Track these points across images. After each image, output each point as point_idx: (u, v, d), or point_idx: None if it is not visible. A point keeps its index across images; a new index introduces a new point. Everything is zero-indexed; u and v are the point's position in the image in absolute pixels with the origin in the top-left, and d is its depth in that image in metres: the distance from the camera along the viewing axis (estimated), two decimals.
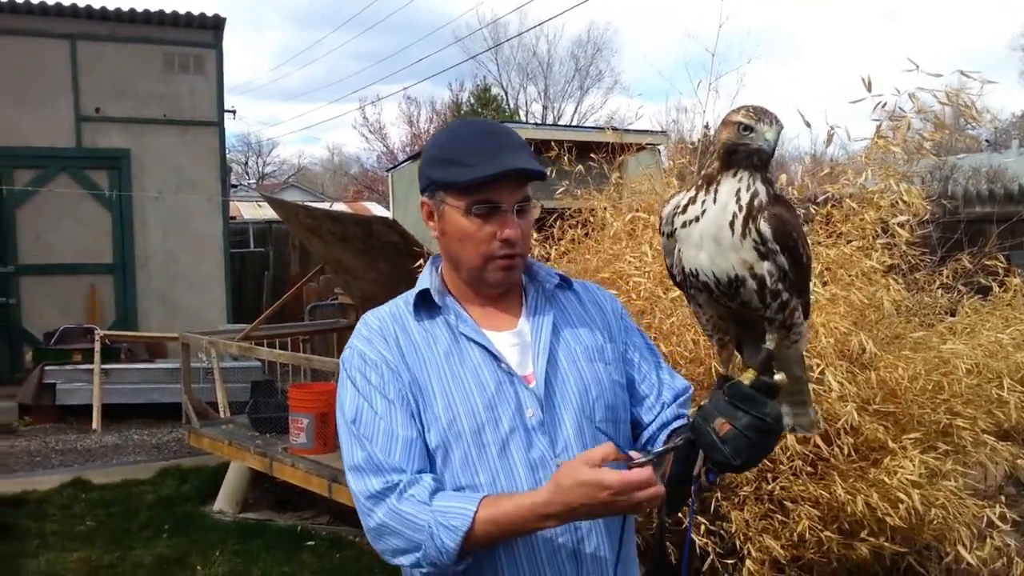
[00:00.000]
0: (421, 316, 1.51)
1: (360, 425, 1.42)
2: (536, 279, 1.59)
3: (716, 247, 1.31)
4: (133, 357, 8.89)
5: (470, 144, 1.45)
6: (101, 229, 9.66)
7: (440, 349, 1.48)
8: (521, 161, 1.43)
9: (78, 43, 9.56)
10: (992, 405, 3.09)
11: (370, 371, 1.45)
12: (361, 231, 5.62)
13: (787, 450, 2.75)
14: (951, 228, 4.27)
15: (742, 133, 1.28)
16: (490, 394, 1.44)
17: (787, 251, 1.30)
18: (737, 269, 1.30)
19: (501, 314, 1.53)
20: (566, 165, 4.00)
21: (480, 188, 1.42)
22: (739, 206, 1.29)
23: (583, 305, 1.61)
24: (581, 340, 1.54)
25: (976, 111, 3.00)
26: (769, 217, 1.29)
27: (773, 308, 1.33)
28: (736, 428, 1.29)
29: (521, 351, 1.50)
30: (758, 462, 1.36)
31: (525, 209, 1.47)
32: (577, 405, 1.48)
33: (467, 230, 1.45)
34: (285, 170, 41.24)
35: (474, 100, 30.06)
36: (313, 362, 5.27)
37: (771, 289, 1.31)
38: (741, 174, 1.29)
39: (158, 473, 6.45)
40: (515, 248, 1.46)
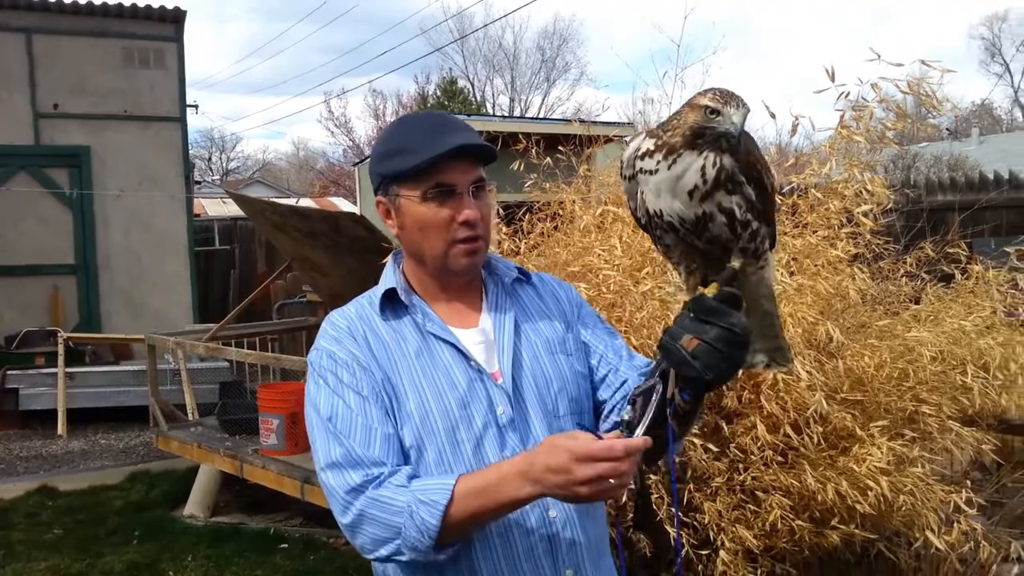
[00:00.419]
0: (387, 316, 1.50)
1: (336, 421, 1.40)
2: (495, 273, 1.59)
3: (673, 200, 1.32)
4: (98, 359, 8.76)
5: (413, 131, 1.46)
6: (62, 229, 9.48)
7: (410, 348, 1.47)
8: (467, 138, 1.43)
9: (34, 37, 9.36)
10: (957, 391, 3.13)
11: (341, 370, 1.44)
12: (328, 227, 5.56)
13: (758, 440, 2.77)
14: (914, 217, 4.32)
15: (709, 116, 1.28)
16: (462, 392, 1.44)
17: (753, 182, 1.31)
18: (706, 208, 1.31)
19: (465, 310, 1.53)
20: (534, 158, 3.99)
21: (432, 172, 1.42)
22: (703, 179, 1.29)
23: (541, 298, 1.61)
24: (542, 334, 1.55)
25: (937, 100, 3.03)
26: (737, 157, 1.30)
27: (745, 238, 1.33)
28: (705, 342, 1.28)
29: (487, 348, 1.50)
30: (731, 375, 1.35)
31: (481, 190, 1.47)
32: (541, 400, 1.48)
33: (425, 217, 1.44)
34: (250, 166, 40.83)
35: (440, 93, 29.93)
36: (283, 361, 5.22)
37: (740, 220, 1.31)
38: (707, 153, 1.29)
39: (126, 478, 6.37)
40: (476, 229, 1.45)
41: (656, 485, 2.82)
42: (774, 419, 2.78)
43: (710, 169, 1.28)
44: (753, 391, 2.86)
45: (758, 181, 1.32)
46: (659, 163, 1.31)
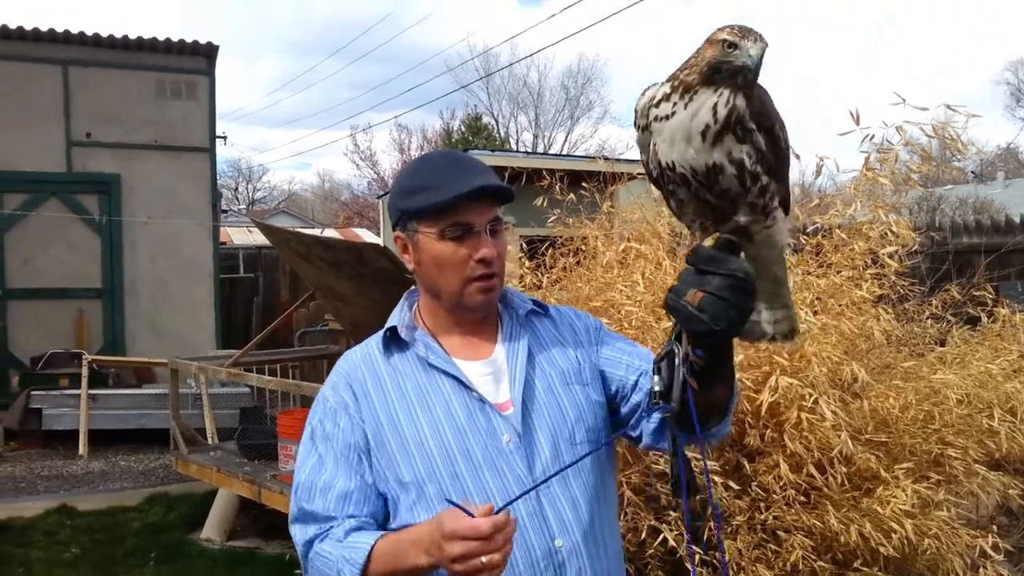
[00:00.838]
0: (391, 352, 1.54)
1: (304, 472, 1.50)
2: (510, 306, 1.60)
3: (687, 146, 1.29)
4: (121, 382, 8.82)
5: (434, 170, 1.49)
6: (90, 254, 9.62)
7: (409, 385, 1.50)
8: (487, 180, 1.46)
9: (70, 69, 9.58)
10: (983, 435, 3.10)
11: (327, 419, 1.51)
12: (352, 257, 5.61)
13: (780, 479, 2.75)
14: (939, 259, 4.32)
15: (727, 50, 1.26)
16: (460, 423, 1.45)
17: (764, 130, 1.28)
18: (716, 157, 1.27)
19: (478, 342, 1.55)
20: (558, 194, 4.02)
21: (450, 211, 1.45)
22: (715, 118, 1.26)
23: (558, 329, 1.61)
24: (556, 364, 1.55)
25: (962, 144, 3.04)
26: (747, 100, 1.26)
27: (754, 192, 1.29)
28: (709, 292, 1.25)
29: (495, 379, 1.51)
30: (741, 324, 1.29)
31: (497, 230, 1.49)
32: (555, 431, 1.48)
33: (443, 255, 1.47)
34: (275, 196, 41.35)
35: (465, 129, 30.25)
36: (303, 389, 5.24)
37: (751, 171, 1.28)
38: (722, 90, 1.26)
39: (145, 500, 6.39)
40: (492, 267, 1.47)
41: (676, 522, 2.80)
42: (797, 458, 2.77)
43: (722, 108, 1.26)
44: (776, 430, 2.85)
45: (768, 129, 1.28)
46: (675, 105, 1.29)
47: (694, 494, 1.40)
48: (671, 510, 2.79)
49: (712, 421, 1.44)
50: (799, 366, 2.84)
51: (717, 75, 1.27)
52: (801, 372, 2.81)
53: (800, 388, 2.73)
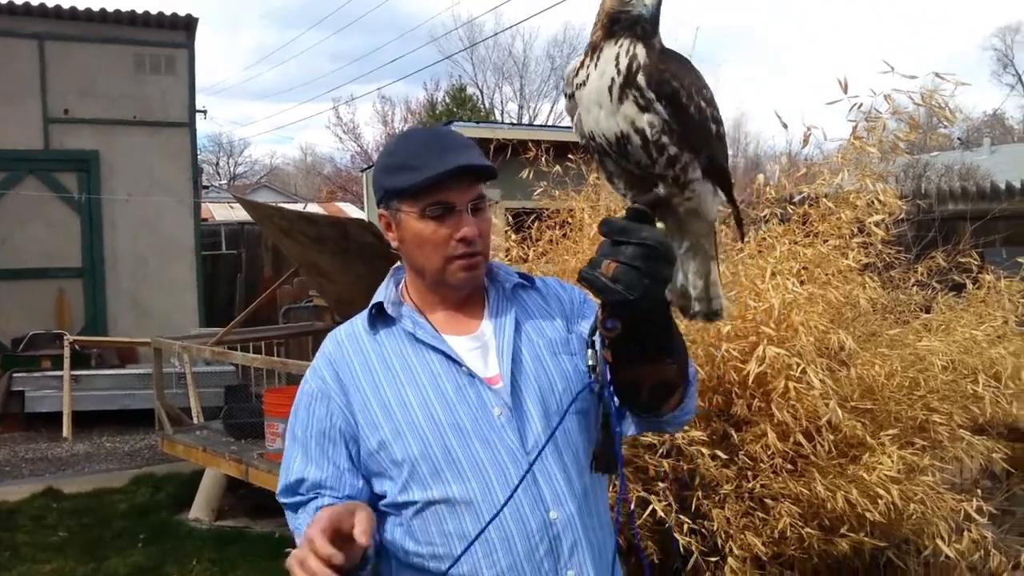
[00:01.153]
0: (377, 328, 1.53)
1: (285, 461, 1.53)
2: (496, 280, 1.59)
3: (599, 110, 1.28)
4: (103, 363, 8.78)
5: (416, 148, 1.47)
6: (70, 232, 9.51)
7: (396, 362, 1.49)
8: (468, 158, 1.44)
9: (46, 43, 9.41)
10: (968, 400, 3.12)
11: (301, 406, 1.53)
12: (336, 233, 5.58)
13: (768, 448, 2.76)
14: (925, 226, 4.32)
15: (623, 1, 1.26)
16: (449, 398, 1.45)
17: (664, 99, 1.25)
18: (621, 125, 1.27)
19: (464, 318, 1.54)
20: (544, 166, 3.99)
21: (431, 190, 1.43)
22: (618, 71, 1.25)
23: (545, 300, 1.61)
24: (544, 334, 1.55)
25: (950, 112, 3.03)
26: (644, 67, 1.25)
27: (661, 164, 1.28)
28: (621, 263, 1.23)
29: (483, 353, 1.50)
30: (659, 294, 1.28)
31: (480, 208, 1.48)
32: (544, 400, 1.48)
33: (423, 234, 1.46)
34: (257, 170, 40.95)
35: (449, 100, 30.00)
36: (288, 366, 5.23)
37: (654, 142, 1.26)
38: (622, 41, 1.26)
39: (131, 481, 6.37)
40: (473, 246, 1.46)
41: (664, 492, 2.81)
42: (784, 427, 2.77)
43: (623, 59, 1.25)
44: (763, 399, 2.85)
45: (670, 97, 1.25)
46: (587, 68, 1.29)
47: (612, 468, 1.37)
48: (659, 481, 2.80)
49: (664, 401, 1.44)
50: (786, 336, 2.84)
51: (615, 26, 1.26)
52: (788, 342, 2.81)
53: (787, 358, 2.73)
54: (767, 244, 3.22)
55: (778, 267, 2.98)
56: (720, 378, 2.90)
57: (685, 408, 1.51)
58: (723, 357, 2.81)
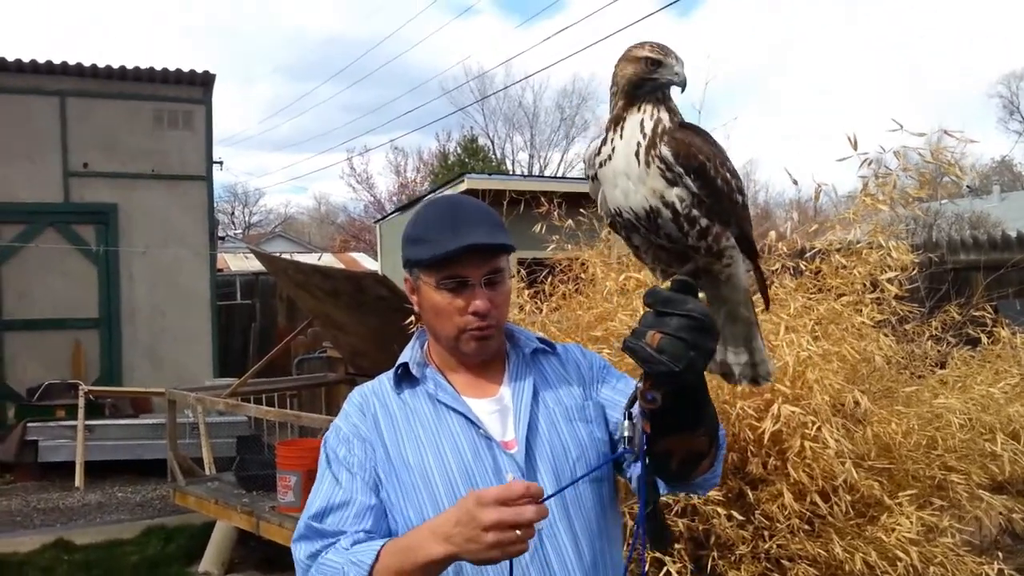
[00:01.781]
0: (402, 388, 1.57)
1: (319, 493, 1.49)
2: (516, 345, 1.62)
3: (628, 181, 1.29)
4: (117, 412, 8.78)
5: (434, 221, 1.52)
6: (87, 283, 9.61)
7: (419, 420, 1.52)
8: (481, 236, 1.47)
9: (68, 100, 9.61)
10: (986, 459, 3.08)
11: (341, 446, 1.52)
12: (351, 286, 5.61)
13: (784, 508, 2.73)
14: (938, 278, 4.32)
15: (649, 68, 1.28)
16: (466, 461, 1.46)
17: (693, 173, 1.27)
18: (650, 200, 1.27)
19: (484, 382, 1.56)
20: (556, 220, 4.02)
21: (446, 263, 1.48)
22: (643, 135, 1.27)
23: (564, 365, 1.63)
24: (561, 402, 1.56)
25: (959, 169, 3.05)
26: (669, 140, 1.27)
27: (693, 236, 1.29)
28: (667, 333, 1.23)
29: (501, 417, 1.52)
30: (702, 366, 1.28)
31: (495, 280, 1.51)
32: (557, 468, 1.48)
33: (439, 304, 1.50)
34: (272, 219, 41.34)
35: (461, 150, 30.34)
36: (302, 419, 5.22)
37: (685, 215, 1.27)
38: (644, 107, 1.28)
39: (142, 532, 6.33)
40: (486, 319, 1.50)
41: (679, 553, 2.77)
42: (801, 486, 2.75)
43: (648, 122, 1.27)
44: (779, 458, 2.83)
45: (699, 172, 1.27)
46: (612, 142, 1.30)
47: (661, 543, 1.38)
48: (674, 541, 2.76)
49: (693, 470, 1.43)
50: (801, 394, 2.82)
51: (639, 90, 1.29)
52: (803, 400, 2.80)
53: (802, 416, 2.72)
54: (780, 299, 3.23)
55: (792, 323, 2.98)
56: (735, 436, 2.88)
57: (715, 471, 1.51)
58: (738, 415, 2.80)
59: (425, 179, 31.72)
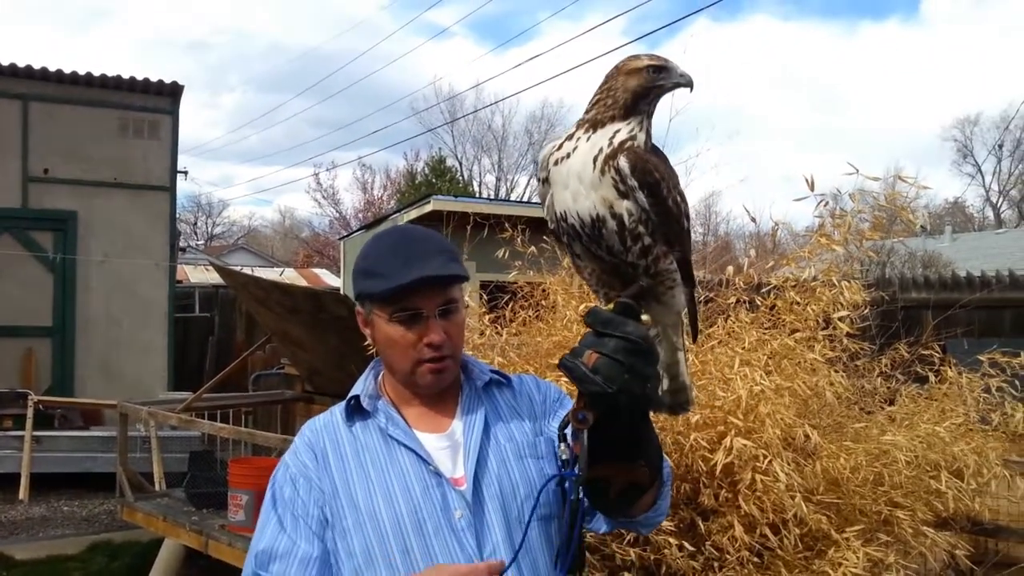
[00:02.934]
0: (353, 421, 1.54)
1: (263, 537, 1.47)
2: (470, 377, 1.60)
3: (579, 184, 1.28)
4: (67, 424, 8.59)
5: (385, 254, 1.49)
6: (42, 291, 9.44)
7: (368, 456, 1.49)
8: (434, 268, 1.45)
9: (30, 103, 9.49)
10: (930, 496, 3.15)
11: (286, 485, 1.50)
12: (311, 304, 5.58)
13: (735, 540, 2.76)
14: (889, 316, 4.41)
15: (653, 75, 1.28)
16: (415, 498, 1.44)
17: (647, 188, 1.27)
18: (598, 207, 1.27)
19: (436, 415, 1.54)
20: (519, 246, 4.05)
21: (398, 296, 1.45)
22: (609, 143, 1.27)
23: (516, 398, 1.61)
24: (513, 438, 1.54)
25: (912, 213, 3.15)
26: (628, 154, 1.27)
27: (635, 252, 1.29)
28: (603, 354, 1.24)
29: (452, 453, 1.50)
30: (639, 390, 1.27)
31: (450, 311, 1.49)
32: (505, 506, 1.47)
33: (392, 337, 1.48)
34: (235, 232, 40.94)
35: (429, 170, 30.37)
36: (256, 437, 5.16)
37: (630, 230, 1.28)
38: (631, 120, 1.28)
39: (87, 548, 6.20)
40: (441, 350, 1.48)
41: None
42: (751, 519, 2.78)
43: (621, 134, 1.27)
44: (730, 490, 2.86)
45: (653, 188, 1.27)
46: (577, 140, 1.30)
47: (579, 569, 1.37)
48: (625, 571, 2.78)
49: (634, 503, 1.44)
50: (753, 427, 2.87)
51: (642, 101, 1.29)
52: (755, 433, 2.84)
53: (754, 449, 2.76)
54: (735, 333, 3.28)
55: (746, 357, 3.03)
56: (688, 467, 2.91)
57: (658, 509, 1.51)
58: (691, 446, 2.83)
59: (392, 197, 31.68)
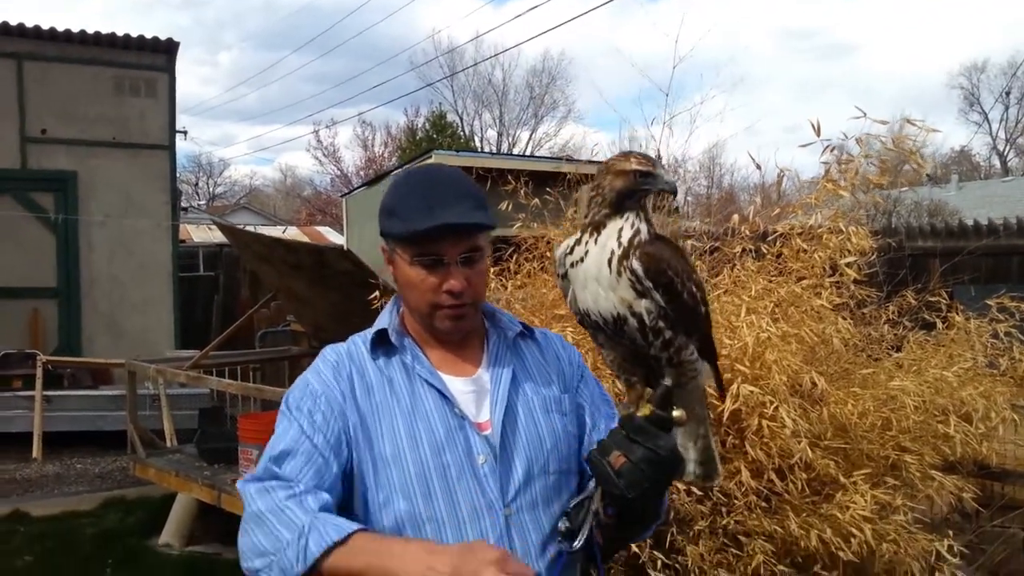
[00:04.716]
0: (378, 355, 1.52)
1: (276, 441, 1.43)
2: (499, 326, 1.60)
3: (598, 286, 1.34)
4: (76, 383, 8.65)
5: (410, 196, 1.46)
6: (45, 252, 9.43)
7: (394, 392, 1.48)
8: (458, 215, 1.42)
9: (25, 63, 9.38)
10: (938, 440, 3.16)
11: (306, 400, 1.46)
12: (314, 260, 5.57)
13: (742, 485, 2.78)
14: (896, 263, 4.39)
15: (639, 180, 1.34)
16: (439, 438, 1.44)
17: (661, 287, 1.33)
18: (618, 307, 1.33)
19: (460, 361, 1.54)
20: (523, 198, 4.02)
21: (420, 240, 1.44)
22: (619, 243, 1.32)
23: (543, 355, 1.62)
24: (539, 391, 1.55)
25: (921, 157, 3.10)
26: (641, 255, 1.32)
27: (657, 346, 1.35)
28: (630, 461, 1.30)
29: (477, 398, 1.50)
30: (655, 497, 1.37)
31: (472, 259, 1.47)
32: (531, 456, 1.48)
33: (413, 280, 1.47)
34: (236, 191, 40.76)
35: (429, 126, 30.12)
36: (265, 392, 5.19)
37: (651, 327, 1.34)
38: (628, 215, 1.34)
39: (101, 504, 6.27)
40: (460, 298, 1.46)
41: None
42: (758, 465, 2.80)
43: (627, 231, 1.33)
44: (737, 436, 2.88)
45: (668, 287, 1.33)
46: (586, 244, 1.35)
47: None
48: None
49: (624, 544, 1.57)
50: (760, 374, 2.87)
51: (628, 200, 1.34)
52: (762, 380, 2.84)
53: (761, 396, 2.76)
54: (742, 281, 3.27)
55: (753, 305, 3.02)
56: None
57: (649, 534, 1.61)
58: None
59: (393, 154, 31.47)
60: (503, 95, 34.72)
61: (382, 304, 3.95)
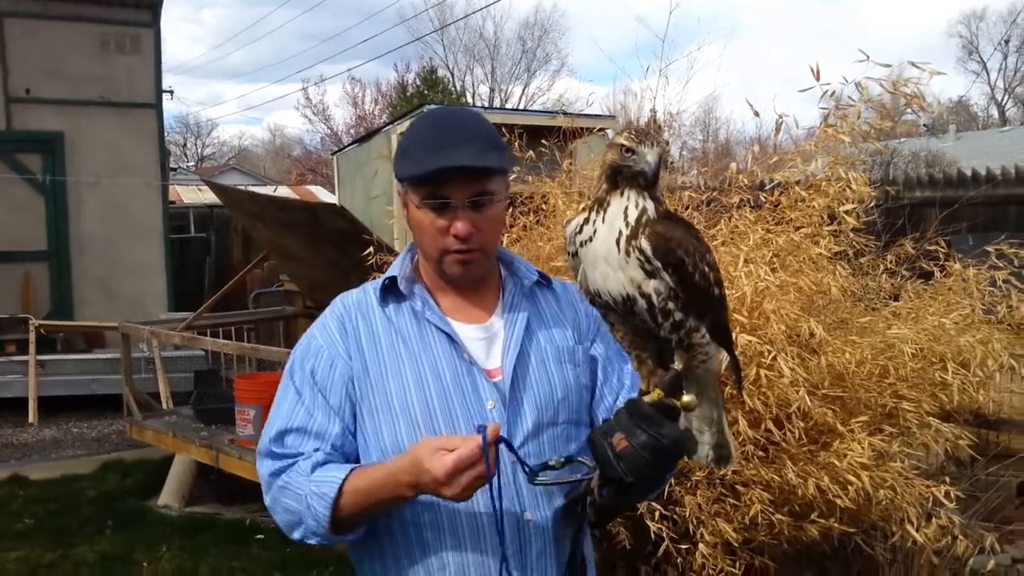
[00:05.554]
0: (387, 302, 1.52)
1: (281, 409, 1.48)
2: (516, 275, 1.58)
3: (607, 267, 1.31)
4: (70, 347, 8.64)
5: (421, 137, 1.45)
6: (34, 215, 9.34)
7: (402, 339, 1.48)
8: (466, 158, 1.40)
9: (6, 20, 9.19)
10: (936, 388, 3.16)
11: (310, 358, 1.49)
12: (307, 218, 5.52)
13: (739, 435, 2.78)
14: (894, 213, 4.35)
15: (625, 155, 1.29)
16: (446, 383, 1.44)
17: (671, 268, 1.28)
18: (627, 288, 1.30)
19: (473, 307, 1.53)
20: (517, 152, 3.97)
21: (429, 182, 1.42)
22: (625, 223, 1.29)
23: (559, 305, 1.60)
24: (553, 341, 1.54)
25: (924, 100, 3.05)
26: (650, 234, 1.28)
27: (666, 328, 1.31)
28: (632, 446, 1.29)
29: (487, 345, 1.50)
30: (654, 484, 1.37)
31: (482, 203, 1.44)
32: (541, 405, 1.47)
33: (422, 223, 1.46)
34: (225, 152, 40.44)
35: (420, 82, 29.78)
36: (260, 352, 5.17)
37: (660, 308, 1.30)
38: (628, 193, 1.29)
39: (99, 467, 6.30)
40: (468, 243, 1.44)
41: None
42: (756, 414, 2.79)
43: (632, 211, 1.29)
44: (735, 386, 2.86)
45: (677, 267, 1.28)
46: (595, 224, 1.31)
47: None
48: None
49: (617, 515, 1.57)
50: (758, 324, 2.85)
51: (618, 176, 1.30)
52: (760, 330, 2.83)
53: (759, 345, 2.75)
54: (739, 231, 3.23)
55: (751, 255, 2.99)
56: None
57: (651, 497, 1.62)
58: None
59: (383, 111, 31.15)
60: (495, 49, 34.38)
61: (376, 261, 3.92)
